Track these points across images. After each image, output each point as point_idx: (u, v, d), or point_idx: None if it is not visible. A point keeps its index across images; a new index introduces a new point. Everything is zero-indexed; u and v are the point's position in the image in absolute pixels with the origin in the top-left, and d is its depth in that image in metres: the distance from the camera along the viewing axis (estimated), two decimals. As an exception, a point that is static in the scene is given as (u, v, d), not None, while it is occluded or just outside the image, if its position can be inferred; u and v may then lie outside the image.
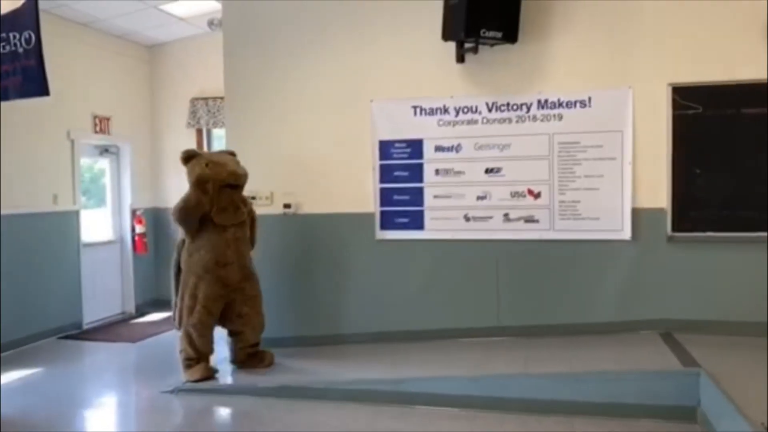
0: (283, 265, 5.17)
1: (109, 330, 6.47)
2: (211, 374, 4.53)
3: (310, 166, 5.10)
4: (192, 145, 7.28)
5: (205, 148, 7.31)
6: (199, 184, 4.47)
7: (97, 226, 7.05)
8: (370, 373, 4.29)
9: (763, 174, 4.45)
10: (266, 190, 5.17)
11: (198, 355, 4.51)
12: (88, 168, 7.17)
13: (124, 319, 6.94)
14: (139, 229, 7.15)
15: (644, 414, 3.63)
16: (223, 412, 4.23)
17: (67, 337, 6.10)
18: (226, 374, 4.87)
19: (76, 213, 6.45)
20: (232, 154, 4.78)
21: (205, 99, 7.10)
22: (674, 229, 4.58)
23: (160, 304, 7.35)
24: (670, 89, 4.54)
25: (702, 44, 4.50)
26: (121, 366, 5.31)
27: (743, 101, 4.47)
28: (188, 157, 4.61)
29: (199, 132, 7.30)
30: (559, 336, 4.67)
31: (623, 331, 4.61)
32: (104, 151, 7.04)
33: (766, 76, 4.38)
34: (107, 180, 7.18)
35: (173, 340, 5.98)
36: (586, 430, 3.53)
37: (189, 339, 4.49)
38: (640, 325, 4.62)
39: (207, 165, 4.50)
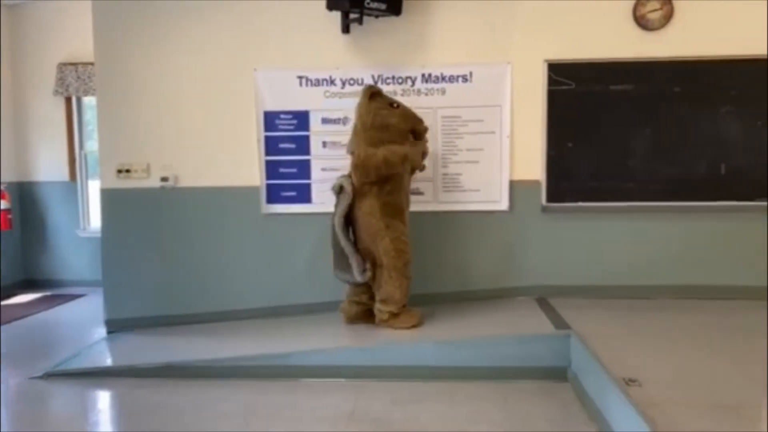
0: (161, 241, 4.96)
1: (-31, 315, 5.95)
2: (422, 318, 4.40)
3: (190, 137, 4.89)
4: (60, 114, 6.78)
5: (75, 118, 6.82)
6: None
7: (-47, 202, 6.43)
8: (256, 348, 4.23)
9: (628, 147, 4.78)
10: (142, 162, 4.90)
11: (405, 303, 4.36)
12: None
13: (-14, 303, 6.40)
14: (3, 204, 6.59)
15: (522, 376, 3.83)
16: (101, 397, 4.03)
17: None
18: (104, 355, 4.66)
19: (-74, 188, 5.85)
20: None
21: (75, 64, 6.60)
22: (548, 199, 4.82)
23: (30, 285, 6.87)
24: (545, 65, 4.74)
25: (575, 23, 4.72)
26: (-16, 352, 4.91)
27: (611, 79, 4.74)
28: (373, 94, 4.34)
29: (68, 100, 6.78)
30: (443, 304, 4.81)
31: (502, 297, 4.84)
32: (-42, 119, 6.40)
33: (631, 56, 4.68)
34: (-37, 152, 6.55)
35: (43, 322, 5.65)
36: (467, 394, 3.67)
37: (400, 285, 4.30)
38: (517, 291, 4.87)
39: (397, 106, 4.35)
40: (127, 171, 4.90)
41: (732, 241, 4.77)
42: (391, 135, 4.26)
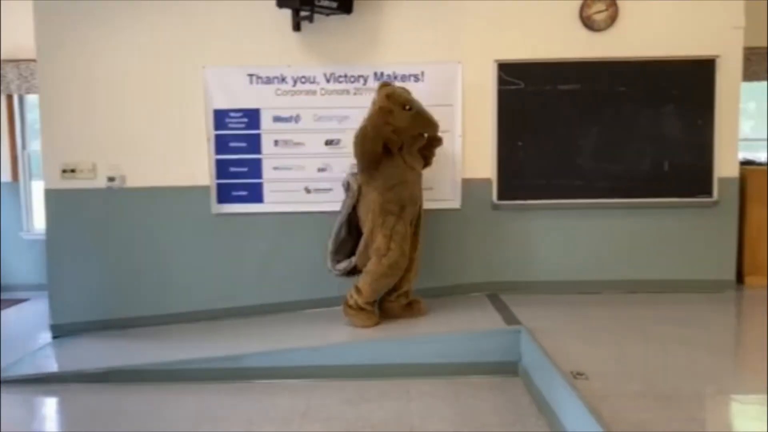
0: (108, 243, 4.84)
1: None
2: (377, 323, 4.36)
3: (138, 136, 4.79)
4: (1, 113, 6.53)
5: (17, 117, 6.59)
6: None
7: None
8: (208, 351, 4.17)
9: (576, 146, 4.88)
10: (88, 162, 4.78)
11: (374, 300, 4.33)
12: None
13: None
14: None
15: (473, 371, 3.87)
16: (45, 404, 3.91)
17: None
18: (49, 360, 4.52)
19: None
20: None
21: (16, 61, 6.37)
22: (499, 197, 4.89)
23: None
24: (496, 65, 4.80)
25: (524, 24, 4.79)
26: None
27: (559, 78, 4.83)
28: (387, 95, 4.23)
29: (10, 98, 6.55)
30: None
31: (454, 294, 4.88)
32: None
33: (578, 56, 4.78)
34: None
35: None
36: (420, 391, 3.69)
37: (374, 282, 4.25)
38: (470, 288, 4.92)
39: (409, 108, 4.20)
40: (72, 171, 4.77)
41: (676, 237, 4.92)
42: (402, 138, 4.21)
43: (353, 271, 4.40)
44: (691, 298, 4.71)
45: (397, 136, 4.20)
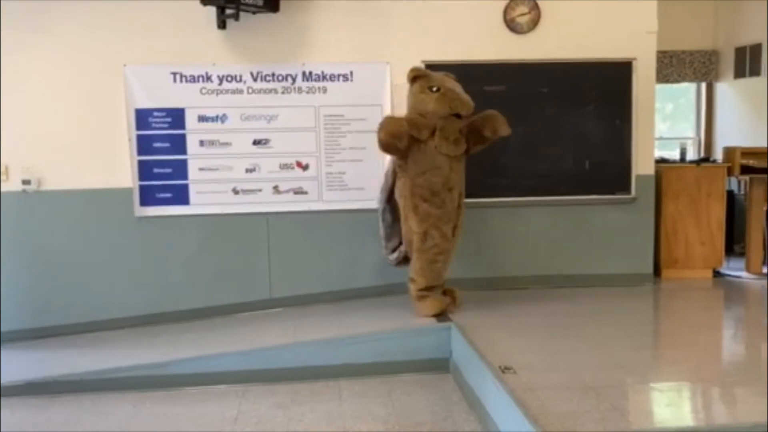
0: (24, 250, 4.63)
1: None
2: (445, 308, 4.28)
3: (54, 137, 4.60)
4: None
5: None
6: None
7: None
8: (133, 358, 4.03)
9: (502, 145, 4.94)
10: (-1, 164, 4.56)
11: (433, 284, 4.26)
12: None
13: None
14: None
15: (405, 369, 3.89)
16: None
17: None
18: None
19: None
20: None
21: None
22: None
23: None
24: (423, 66, 4.83)
25: (450, 26, 4.86)
26: None
27: (485, 79, 4.91)
28: (415, 78, 4.22)
29: None
30: (327, 302, 4.83)
31: (385, 294, 4.87)
32: None
33: (503, 57, 4.88)
34: None
35: None
36: (352, 391, 3.69)
37: (422, 270, 4.23)
38: (401, 288, 4.92)
39: (437, 89, 4.13)
40: (-15, 175, 4.54)
41: (597, 233, 5.10)
42: (431, 120, 4.12)
43: (406, 259, 4.41)
44: (612, 292, 4.90)
45: (426, 119, 4.13)
